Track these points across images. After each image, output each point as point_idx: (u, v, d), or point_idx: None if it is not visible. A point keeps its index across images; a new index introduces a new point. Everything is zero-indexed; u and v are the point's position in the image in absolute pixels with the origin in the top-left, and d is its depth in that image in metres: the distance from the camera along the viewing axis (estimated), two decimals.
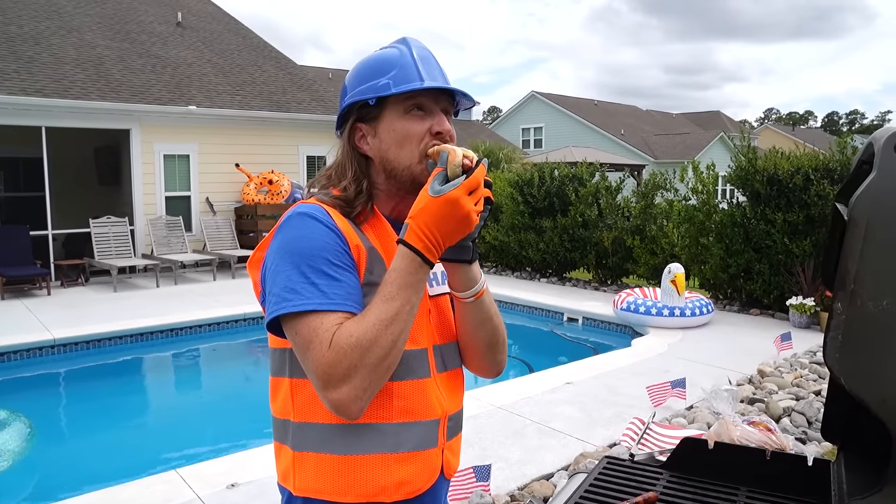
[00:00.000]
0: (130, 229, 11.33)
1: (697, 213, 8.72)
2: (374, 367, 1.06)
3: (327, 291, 1.10)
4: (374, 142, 1.25)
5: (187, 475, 3.75)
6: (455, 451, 1.36)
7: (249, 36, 16.10)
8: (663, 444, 3.46)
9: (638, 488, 1.47)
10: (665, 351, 6.44)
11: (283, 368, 1.24)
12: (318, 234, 1.14)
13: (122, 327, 7.40)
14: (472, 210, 1.09)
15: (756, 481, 1.47)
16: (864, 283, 0.75)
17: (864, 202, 0.76)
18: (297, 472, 1.22)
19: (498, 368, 1.42)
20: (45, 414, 5.70)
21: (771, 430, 1.62)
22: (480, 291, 1.28)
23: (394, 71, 1.22)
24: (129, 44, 13.28)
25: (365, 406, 1.09)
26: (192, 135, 12.03)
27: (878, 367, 0.76)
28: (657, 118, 41.91)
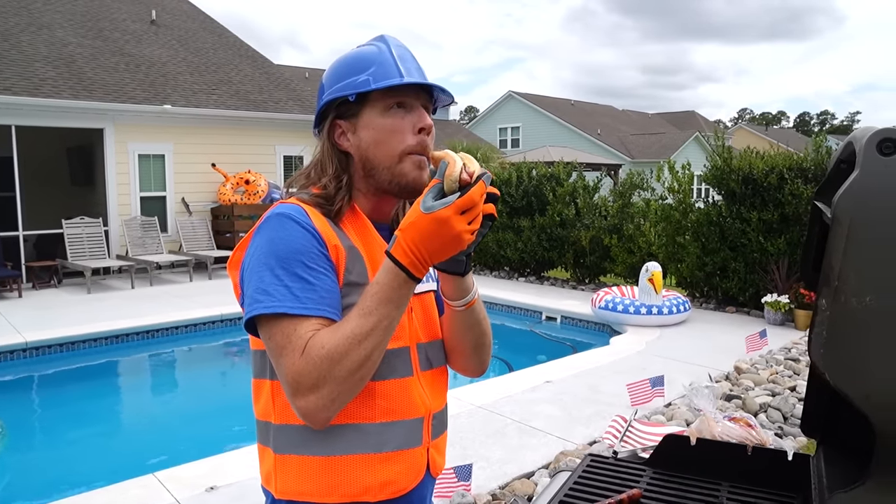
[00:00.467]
0: (104, 230, 11.17)
1: (674, 213, 8.81)
2: (342, 379, 1.05)
3: (300, 295, 1.09)
4: (354, 139, 1.24)
5: (165, 479, 3.70)
6: (441, 450, 1.36)
7: (225, 34, 15.96)
8: (645, 442, 3.48)
9: (622, 485, 1.48)
10: (643, 349, 6.49)
11: (264, 370, 1.23)
12: (295, 236, 1.13)
13: (96, 329, 7.29)
14: (462, 230, 1.04)
15: (738, 476, 1.48)
16: (848, 280, 0.76)
17: (848, 201, 0.77)
18: (279, 475, 1.21)
19: (482, 368, 1.43)
20: (18, 418, 5.60)
21: (751, 426, 1.64)
22: (472, 301, 1.28)
23: (373, 67, 1.22)
24: (102, 42, 13.09)
25: (332, 416, 1.08)
26: (168, 134, 11.89)
27: (861, 362, 0.77)
28: (633, 118, 42.26)
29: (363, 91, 1.21)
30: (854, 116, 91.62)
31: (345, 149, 1.25)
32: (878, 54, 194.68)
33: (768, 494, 1.43)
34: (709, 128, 39.74)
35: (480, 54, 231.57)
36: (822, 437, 1.37)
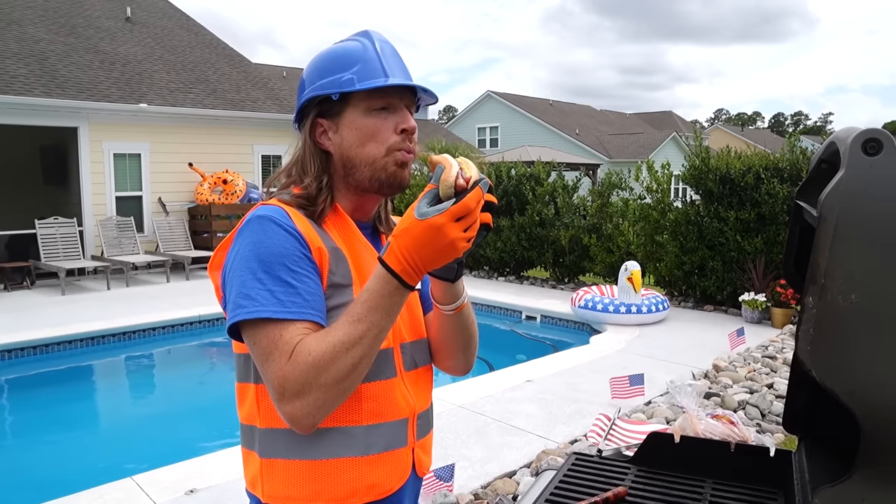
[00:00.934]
0: (79, 230, 11.00)
1: (652, 212, 8.88)
2: (328, 387, 1.03)
3: (283, 299, 1.07)
4: (336, 138, 1.22)
5: (143, 482, 3.66)
6: (427, 449, 1.35)
7: (202, 33, 15.80)
8: (629, 440, 3.51)
9: (607, 483, 1.49)
10: (623, 347, 6.54)
11: (248, 374, 1.21)
12: (277, 239, 1.11)
13: (70, 332, 7.17)
14: (457, 238, 1.01)
15: (721, 473, 1.50)
16: (834, 278, 0.77)
17: (834, 199, 0.78)
18: (266, 480, 1.20)
19: (468, 368, 1.42)
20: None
21: (733, 423, 1.66)
22: (461, 305, 1.27)
23: (357, 66, 1.20)
24: (76, 39, 12.90)
25: (318, 421, 1.07)
26: (144, 133, 11.75)
27: (846, 359, 0.78)
28: (611, 118, 42.56)
29: (347, 91, 1.19)
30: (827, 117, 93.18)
31: (326, 147, 1.24)
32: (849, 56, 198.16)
33: (751, 490, 1.44)
34: (685, 128, 40.16)
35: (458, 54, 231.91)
36: (804, 433, 1.39)
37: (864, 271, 0.76)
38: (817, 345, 0.78)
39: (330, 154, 1.24)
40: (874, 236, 0.76)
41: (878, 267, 0.76)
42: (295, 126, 1.29)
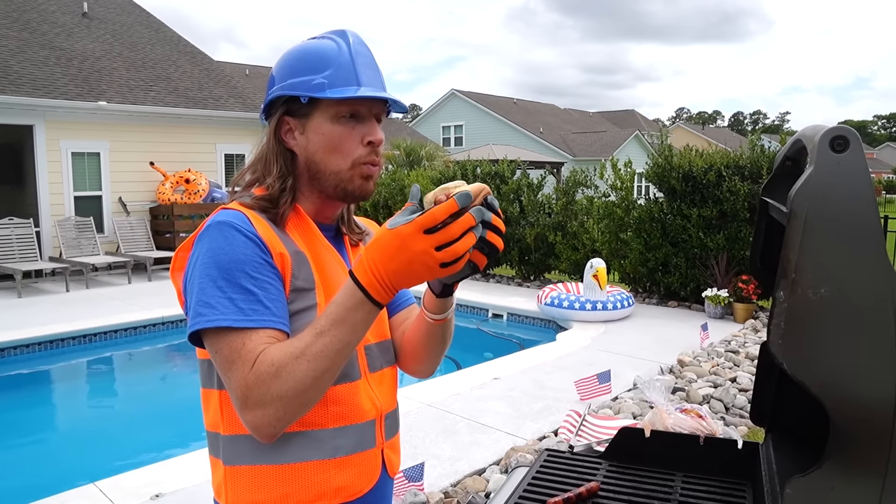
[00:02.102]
0: (36, 231, 10.70)
1: (617, 210, 8.99)
2: (290, 399, 1.01)
3: (244, 307, 1.06)
4: (302, 139, 1.20)
5: (107, 488, 3.58)
6: (396, 449, 1.35)
7: (162, 29, 15.51)
8: (600, 435, 3.54)
9: (579, 479, 1.51)
10: (589, 344, 6.61)
11: (211, 380, 1.19)
12: (237, 245, 1.09)
13: (27, 335, 6.98)
14: (424, 251, 0.94)
15: (691, 466, 1.53)
16: (804, 272, 0.79)
17: (804, 196, 0.80)
18: (230, 487, 1.18)
19: (433, 371, 1.42)
20: None
21: (702, 417, 1.69)
22: (445, 318, 1.25)
23: (329, 69, 1.17)
24: (30, 34, 12.54)
25: (280, 431, 1.05)
26: (103, 132, 11.49)
27: (816, 352, 0.80)
28: (575, 116, 42.96)
29: (316, 96, 1.17)
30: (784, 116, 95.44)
31: (291, 147, 1.21)
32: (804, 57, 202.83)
33: (720, 482, 1.47)
34: (648, 126, 40.73)
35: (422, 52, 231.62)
36: (770, 426, 1.42)
37: (834, 265, 0.78)
38: (788, 338, 0.80)
39: (295, 154, 1.22)
40: (842, 231, 0.78)
41: (847, 261, 0.78)
42: (262, 118, 1.27)
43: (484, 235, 1.05)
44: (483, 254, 1.08)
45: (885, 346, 0.76)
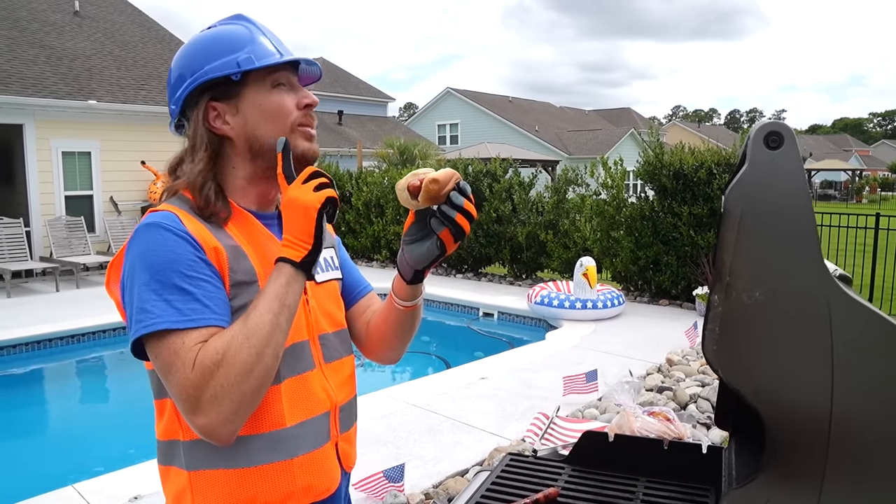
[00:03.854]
0: (26, 230, 10.64)
1: (608, 208, 8.96)
2: (236, 385, 0.99)
3: (181, 307, 1.03)
4: (237, 120, 1.18)
5: (85, 490, 3.55)
6: (351, 442, 1.33)
7: (154, 28, 15.44)
8: (567, 439, 3.51)
9: (540, 484, 1.47)
10: (578, 343, 6.58)
11: (163, 390, 1.16)
12: (168, 246, 1.06)
13: (15, 335, 6.94)
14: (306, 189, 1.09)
15: (655, 471, 1.49)
16: (739, 275, 0.76)
17: (737, 194, 0.77)
18: (195, 493, 1.15)
19: (399, 358, 1.43)
20: None
21: (670, 420, 1.66)
22: (415, 305, 1.28)
23: (249, 46, 1.18)
24: (19, 32, 12.47)
25: (236, 429, 1.03)
26: (94, 131, 11.42)
27: (751, 358, 0.77)
28: (571, 115, 42.93)
29: (248, 69, 1.16)
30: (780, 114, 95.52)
31: (224, 133, 1.18)
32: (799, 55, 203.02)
33: (684, 488, 1.44)
34: (644, 124, 40.71)
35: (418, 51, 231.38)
36: (734, 430, 1.39)
37: (769, 268, 0.75)
38: (723, 344, 0.76)
39: (227, 139, 1.19)
40: (777, 232, 0.75)
41: (782, 263, 0.75)
42: (172, 126, 1.24)
43: (453, 217, 1.12)
44: (451, 234, 1.13)
45: (821, 351, 0.73)
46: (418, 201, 1.13)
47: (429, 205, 1.14)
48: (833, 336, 0.72)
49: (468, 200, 1.13)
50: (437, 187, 1.12)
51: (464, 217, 1.13)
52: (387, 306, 1.30)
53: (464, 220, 1.12)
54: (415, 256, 1.19)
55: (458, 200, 1.12)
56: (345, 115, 26.89)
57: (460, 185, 1.13)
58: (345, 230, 12.43)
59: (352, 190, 12.50)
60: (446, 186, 1.12)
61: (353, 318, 1.39)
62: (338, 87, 28.51)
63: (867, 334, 0.72)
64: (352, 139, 23.56)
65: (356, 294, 1.41)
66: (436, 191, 1.12)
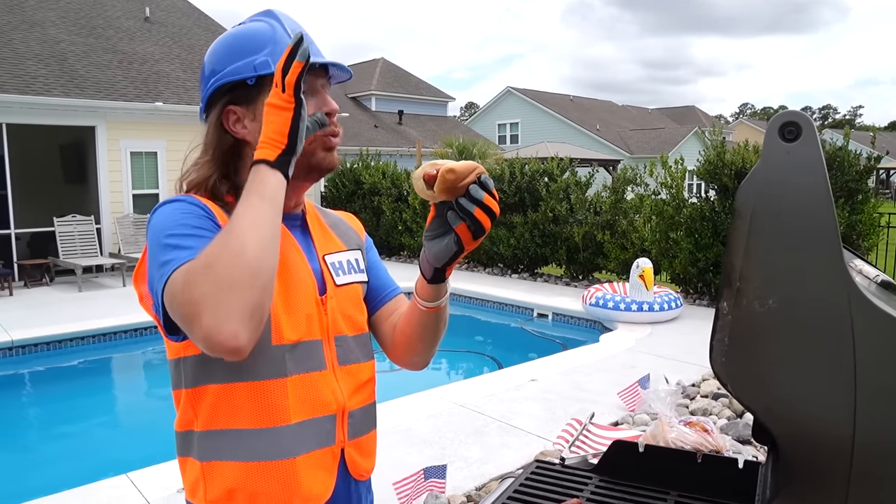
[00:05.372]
0: (97, 228, 11.11)
1: (667, 208, 8.72)
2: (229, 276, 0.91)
3: (192, 245, 1.00)
4: (254, 125, 1.14)
5: (138, 479, 3.65)
6: (364, 451, 1.28)
7: (219, 31, 15.86)
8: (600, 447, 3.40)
9: (564, 493, 1.41)
10: (632, 346, 6.42)
11: (180, 380, 1.17)
12: (180, 208, 1.07)
13: (84, 328, 7.24)
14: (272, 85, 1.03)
15: (686, 485, 1.41)
16: (750, 280, 0.69)
17: (749, 191, 0.69)
18: (208, 483, 1.15)
19: (427, 363, 1.37)
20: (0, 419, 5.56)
21: (707, 431, 1.57)
22: (439, 306, 1.21)
23: (269, 47, 1.13)
24: (95, 39, 13.02)
25: (243, 336, 0.91)
26: (160, 132, 11.81)
27: (763, 373, 0.70)
28: (633, 113, 42.12)
29: (263, 74, 1.12)
30: (857, 111, 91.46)
31: (241, 136, 1.16)
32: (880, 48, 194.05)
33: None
34: (709, 123, 39.62)
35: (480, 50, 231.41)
36: (772, 444, 1.30)
37: (783, 273, 0.68)
38: (732, 356, 0.69)
39: (245, 143, 1.17)
40: (793, 233, 0.67)
41: (798, 268, 0.67)
42: (202, 117, 1.22)
43: (471, 211, 1.04)
44: (469, 230, 1.06)
45: (843, 367, 0.65)
46: (434, 191, 1.06)
47: (446, 197, 1.06)
48: (856, 350, 0.64)
49: (489, 195, 1.05)
50: (454, 177, 1.04)
51: (483, 212, 1.05)
52: (411, 308, 1.25)
53: (483, 215, 1.04)
54: (433, 253, 1.13)
55: (479, 194, 1.04)
56: (405, 115, 27.07)
57: (482, 178, 1.05)
58: (402, 229, 12.48)
59: (408, 189, 12.54)
60: (466, 178, 1.04)
61: (379, 322, 1.35)
62: (398, 87, 28.72)
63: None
64: (411, 139, 23.69)
65: (383, 297, 1.37)
66: (452, 181, 1.03)
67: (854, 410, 0.65)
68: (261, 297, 0.94)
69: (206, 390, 1.13)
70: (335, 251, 1.29)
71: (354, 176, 13.65)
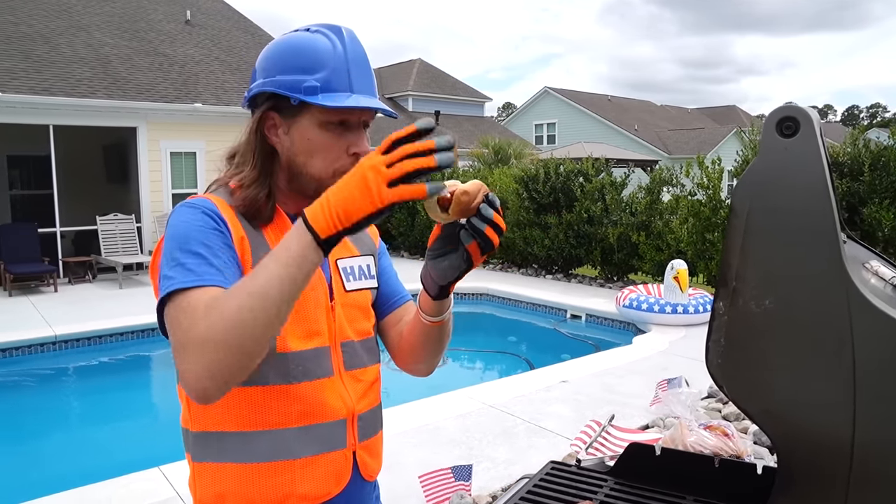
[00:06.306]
0: (137, 226, 11.37)
1: (704, 209, 8.57)
2: (218, 341, 0.90)
3: (195, 269, 1.00)
4: (286, 139, 1.15)
5: (169, 472, 3.72)
6: (373, 452, 1.29)
7: (258, 33, 16.11)
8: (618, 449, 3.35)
9: (578, 495, 1.40)
10: (666, 348, 6.33)
11: None
12: (192, 221, 1.07)
13: (123, 324, 7.41)
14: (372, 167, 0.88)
15: (703, 490, 1.38)
16: (746, 280, 0.67)
17: (745, 188, 0.67)
18: (198, 483, 1.18)
19: (432, 370, 1.37)
20: (38, 409, 5.72)
21: (728, 435, 1.54)
22: (442, 321, 1.21)
23: (324, 72, 1.10)
24: (138, 42, 13.32)
25: (212, 391, 0.93)
26: (199, 132, 12.03)
27: (759, 374, 0.68)
28: (672, 113, 41.52)
29: (308, 101, 1.10)
30: None
31: (273, 143, 1.17)
32: None
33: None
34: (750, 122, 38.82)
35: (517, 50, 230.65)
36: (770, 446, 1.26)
37: (780, 273, 0.65)
38: (728, 357, 0.68)
39: (276, 150, 1.17)
40: (791, 231, 0.65)
41: (795, 267, 0.65)
42: (245, 103, 1.22)
43: (482, 230, 1.04)
44: (479, 248, 1.06)
45: (841, 369, 0.63)
46: (448, 214, 1.08)
47: (458, 217, 1.08)
48: (855, 352, 0.62)
49: (496, 213, 1.06)
50: (469, 199, 1.07)
51: (493, 230, 1.06)
52: (414, 320, 1.25)
53: (493, 233, 1.05)
54: (439, 271, 1.12)
55: (489, 213, 1.04)
56: (442, 116, 27.11)
57: (489, 197, 1.06)
58: None
59: None
60: (476, 198, 1.05)
61: (386, 328, 1.36)
62: (435, 88, 28.78)
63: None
64: None
65: (392, 304, 1.37)
66: (467, 203, 1.05)
67: (854, 413, 0.62)
68: (247, 365, 0.93)
69: None
70: (347, 255, 1.29)
71: None
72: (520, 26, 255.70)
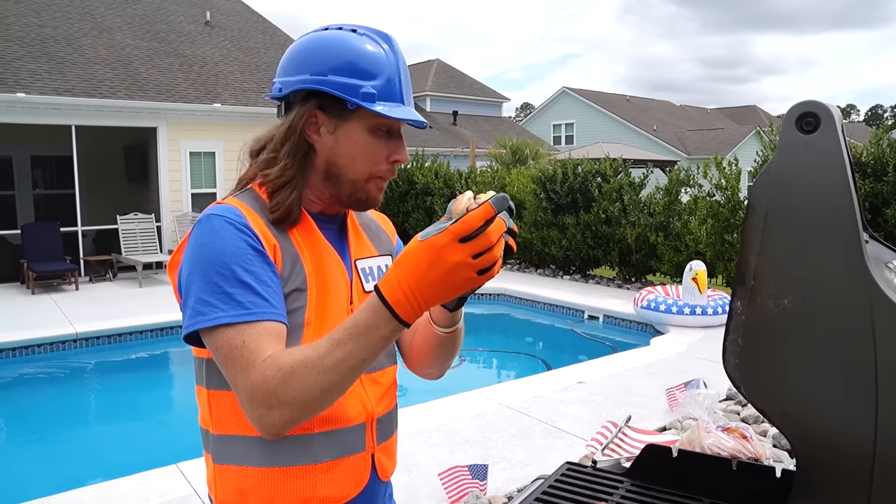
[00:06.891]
0: (157, 226, 11.48)
1: (722, 210, 8.49)
2: (296, 407, 0.97)
3: (243, 301, 1.02)
4: (329, 139, 1.14)
5: (187, 469, 3.74)
6: (389, 453, 1.30)
7: (277, 34, 16.21)
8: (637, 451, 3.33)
9: (593, 496, 1.39)
10: (684, 350, 6.27)
11: (202, 378, 1.18)
12: (228, 239, 1.05)
13: (143, 322, 7.49)
14: (461, 262, 0.87)
15: (721, 493, 1.37)
16: (764, 279, 0.66)
17: (764, 186, 0.66)
18: (219, 485, 1.18)
19: (443, 374, 1.37)
20: (62, 407, 5.79)
21: (747, 438, 1.52)
22: (454, 331, 1.21)
23: (380, 80, 1.11)
24: (158, 43, 13.45)
25: (285, 432, 1.00)
26: (218, 132, 12.12)
27: (778, 376, 0.66)
28: (691, 113, 41.21)
29: (365, 107, 1.10)
30: None
31: (312, 141, 1.15)
32: None
33: None
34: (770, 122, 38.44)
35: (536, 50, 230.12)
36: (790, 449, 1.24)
37: (799, 271, 0.64)
38: (746, 359, 0.66)
39: (314, 149, 1.16)
40: (811, 229, 0.64)
41: (815, 266, 0.64)
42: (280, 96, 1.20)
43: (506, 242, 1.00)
44: None
45: (863, 371, 0.61)
46: None
47: None
48: (878, 353, 0.61)
49: None
50: None
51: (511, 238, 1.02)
52: (426, 328, 1.24)
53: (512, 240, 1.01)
54: None
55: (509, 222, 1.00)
56: (459, 116, 27.12)
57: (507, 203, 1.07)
58: None
59: (461, 189, 12.57)
60: None
61: None
62: (452, 88, 28.80)
63: None
64: (465, 139, 23.71)
65: None
66: None
67: (876, 415, 0.61)
68: (307, 418, 1.01)
69: (226, 396, 1.13)
70: (366, 256, 1.28)
71: (408, 176, 13.73)
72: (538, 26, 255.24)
